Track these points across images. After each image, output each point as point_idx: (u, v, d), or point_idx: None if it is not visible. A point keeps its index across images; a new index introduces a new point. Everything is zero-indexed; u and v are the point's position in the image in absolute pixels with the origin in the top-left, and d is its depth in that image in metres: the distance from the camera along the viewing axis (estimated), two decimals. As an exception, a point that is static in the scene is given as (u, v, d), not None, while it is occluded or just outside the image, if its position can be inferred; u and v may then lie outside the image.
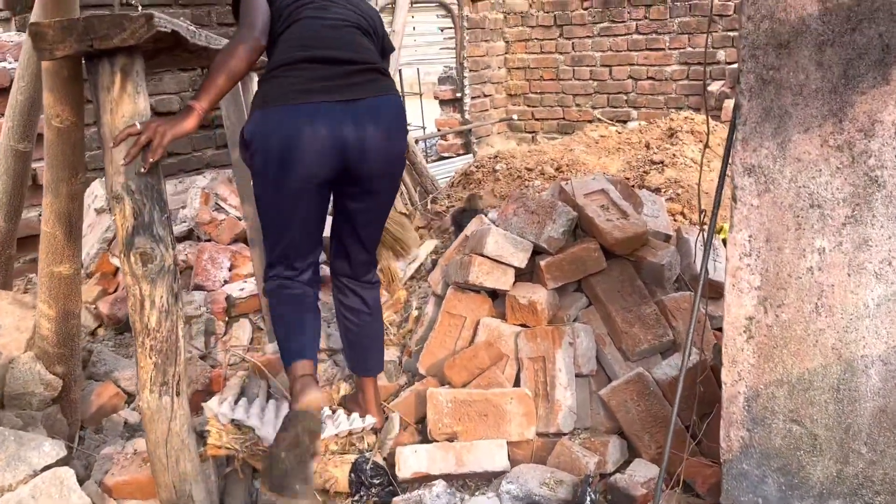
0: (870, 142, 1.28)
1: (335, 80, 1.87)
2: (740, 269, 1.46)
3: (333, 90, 1.86)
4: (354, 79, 1.89)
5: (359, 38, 1.98)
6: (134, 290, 1.82)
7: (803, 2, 1.28)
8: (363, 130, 1.86)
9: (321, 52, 1.89)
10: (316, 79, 1.87)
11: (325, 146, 1.85)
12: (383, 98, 1.92)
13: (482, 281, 2.39)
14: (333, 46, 1.91)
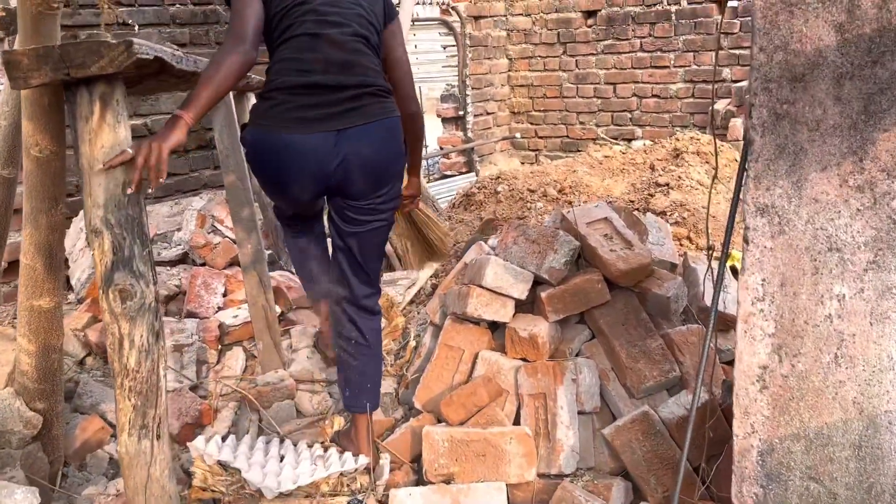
0: (893, 182, 1.19)
1: (328, 108, 1.88)
2: (753, 315, 1.36)
3: (325, 119, 1.88)
4: (346, 105, 1.90)
5: (356, 54, 1.93)
6: (112, 329, 1.73)
7: (819, 32, 1.19)
8: (354, 159, 1.90)
9: (315, 77, 1.88)
10: (309, 106, 1.88)
11: (310, 175, 1.93)
12: (373, 124, 1.92)
13: (481, 313, 2.29)
14: (328, 70, 1.89)
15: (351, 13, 1.95)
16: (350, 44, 1.92)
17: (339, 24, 1.91)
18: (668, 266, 2.53)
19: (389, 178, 2.02)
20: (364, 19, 1.96)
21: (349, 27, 1.92)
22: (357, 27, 1.94)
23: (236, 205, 2.78)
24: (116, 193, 1.71)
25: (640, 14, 5.38)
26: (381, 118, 1.94)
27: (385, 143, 1.95)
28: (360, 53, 1.93)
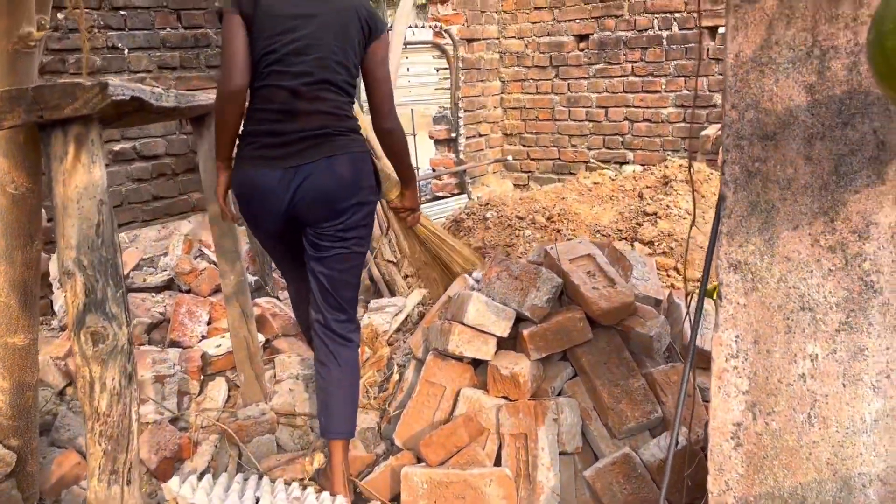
0: (864, 244, 1.17)
1: (286, 149, 2.06)
2: (726, 372, 1.35)
3: (281, 158, 2.06)
4: (303, 145, 2.06)
5: (317, 102, 2.07)
6: (84, 372, 1.71)
7: (790, 92, 1.18)
8: (305, 192, 2.06)
9: (278, 125, 2.07)
10: (271, 146, 2.07)
11: (271, 206, 2.11)
12: (327, 161, 2.07)
13: (462, 351, 2.27)
14: (291, 119, 2.06)
15: (316, 58, 2.04)
16: (312, 93, 2.05)
17: (303, 73, 2.04)
18: (653, 302, 2.51)
19: (346, 208, 2.11)
20: (331, 60, 2.06)
21: (311, 76, 2.04)
22: (321, 73, 2.05)
23: (219, 235, 2.76)
24: (90, 235, 1.70)
25: (631, 39, 5.40)
26: (336, 154, 2.08)
27: (338, 175, 2.07)
28: (321, 101, 2.07)
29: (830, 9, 1.12)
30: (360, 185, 2.12)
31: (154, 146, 4.10)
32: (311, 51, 2.04)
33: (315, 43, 2.04)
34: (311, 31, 2.04)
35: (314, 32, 2.04)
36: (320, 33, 2.04)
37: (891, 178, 1.13)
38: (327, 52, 2.05)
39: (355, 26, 2.09)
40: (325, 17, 2.05)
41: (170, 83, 4.13)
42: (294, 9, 2.04)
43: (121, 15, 3.87)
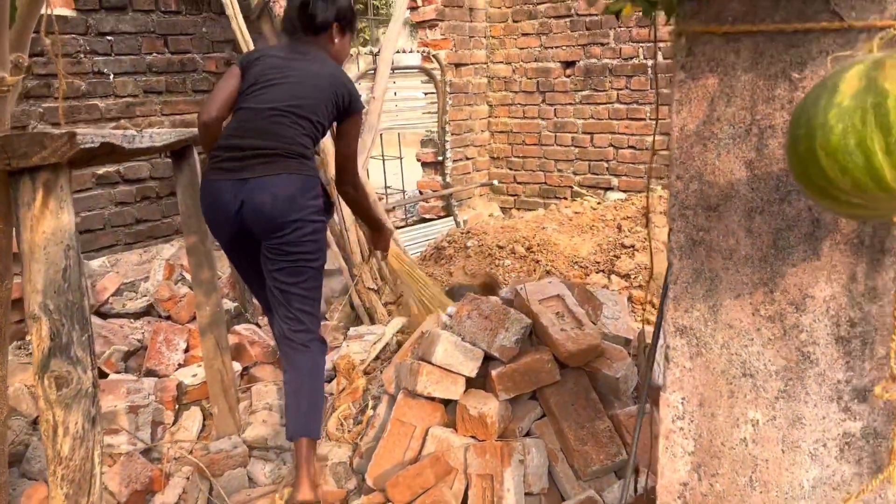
0: (801, 316, 1.20)
1: (240, 162, 2.32)
2: (673, 433, 1.37)
3: (235, 171, 2.32)
4: (255, 161, 2.31)
5: (278, 126, 2.34)
6: (47, 416, 1.72)
7: (731, 167, 1.22)
8: (254, 202, 2.29)
9: (238, 140, 2.34)
10: (228, 160, 2.34)
11: (222, 214, 2.36)
12: (273, 177, 2.29)
13: (431, 391, 2.30)
14: (251, 136, 2.33)
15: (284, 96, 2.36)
16: (274, 117, 2.34)
17: (268, 101, 2.36)
18: (623, 342, 2.54)
19: (286, 223, 2.30)
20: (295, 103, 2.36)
21: (275, 108, 2.34)
22: (285, 106, 2.35)
23: (196, 266, 2.78)
24: (56, 279, 1.72)
25: (617, 66, 5.45)
26: (280, 173, 2.30)
27: (279, 192, 2.28)
28: (279, 125, 2.33)
29: (767, 90, 1.16)
30: (302, 205, 2.32)
31: (138, 170, 4.12)
32: (281, 91, 2.37)
33: (287, 89, 2.38)
34: (287, 81, 2.39)
35: (290, 82, 2.39)
36: (294, 84, 2.39)
37: (825, 254, 1.17)
38: (296, 94, 2.37)
39: (330, 92, 2.41)
40: (304, 76, 2.41)
41: (155, 108, 4.16)
42: (281, 66, 2.43)
43: (107, 40, 3.91)
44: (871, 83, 0.76)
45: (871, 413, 1.18)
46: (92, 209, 3.95)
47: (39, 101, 3.68)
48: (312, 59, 2.46)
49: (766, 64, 1.15)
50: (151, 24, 4.08)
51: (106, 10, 3.88)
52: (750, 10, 1.14)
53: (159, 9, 4.12)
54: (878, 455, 1.19)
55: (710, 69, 1.20)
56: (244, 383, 3.32)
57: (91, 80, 3.86)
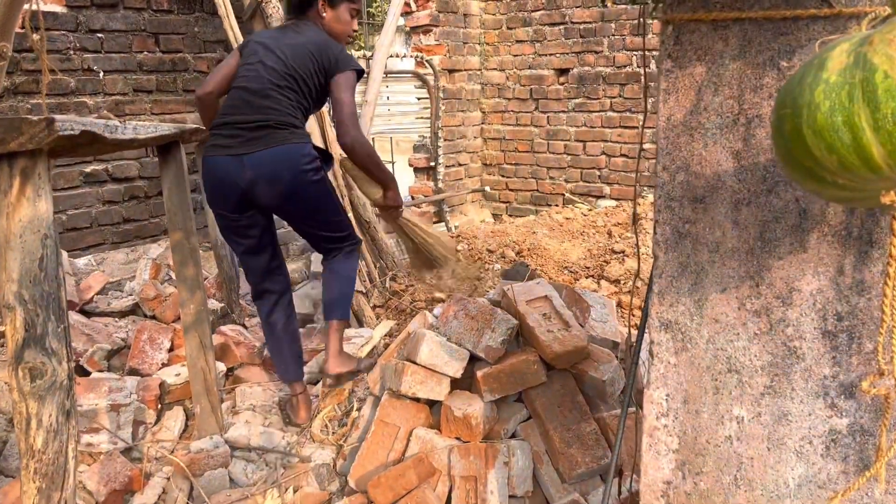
0: (787, 310, 1.18)
1: (236, 138, 2.47)
2: (657, 430, 1.34)
3: (233, 146, 2.47)
4: (249, 135, 2.46)
5: (266, 99, 2.48)
6: (20, 408, 1.68)
7: (718, 157, 1.20)
8: (251, 176, 2.46)
9: (233, 117, 2.50)
10: (225, 136, 2.50)
11: (225, 187, 2.52)
12: (268, 151, 2.45)
13: (415, 391, 2.26)
14: (243, 112, 2.49)
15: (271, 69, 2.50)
16: (264, 91, 2.48)
17: (257, 78, 2.50)
18: (610, 345, 2.51)
19: (290, 193, 2.51)
20: (283, 73, 2.50)
21: (262, 81, 2.49)
22: (272, 81, 2.49)
23: (181, 263, 2.74)
24: (32, 269, 1.68)
25: (610, 75, 5.46)
26: (277, 145, 2.46)
27: (280, 164, 2.46)
28: (270, 98, 2.48)
29: (755, 79, 1.14)
30: (301, 170, 2.50)
31: (127, 169, 4.09)
32: (266, 67, 2.51)
33: (272, 63, 2.51)
34: (272, 56, 2.53)
35: (275, 56, 2.53)
36: (279, 58, 2.52)
37: (812, 246, 1.14)
38: (284, 67, 2.50)
39: (312, 58, 2.53)
40: (291, 46, 2.54)
41: (145, 106, 4.13)
42: (270, 42, 2.58)
43: (97, 37, 3.88)
44: (859, 58, 0.74)
45: (858, 409, 1.16)
46: (79, 207, 3.91)
47: (28, 96, 3.65)
48: (299, 32, 2.59)
49: (754, 52, 1.14)
50: (143, 23, 4.06)
51: (97, 7, 3.86)
52: (738, -4, 1.13)
53: (151, 7, 4.10)
54: (865, 452, 1.16)
55: (697, 58, 1.18)
56: (229, 384, 3.28)
57: (80, 76, 3.83)
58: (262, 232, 2.68)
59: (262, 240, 2.70)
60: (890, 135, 0.71)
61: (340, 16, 2.67)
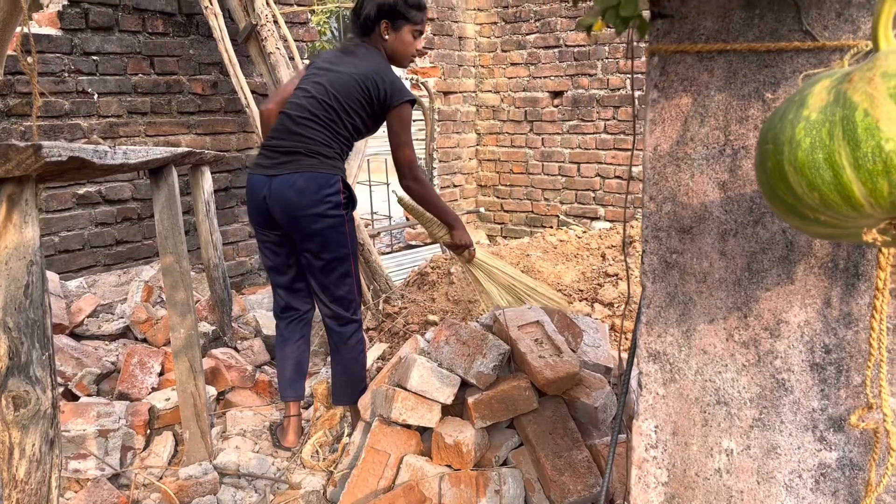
0: (775, 342, 1.17)
1: (271, 160, 2.58)
2: (646, 462, 1.33)
3: (267, 167, 2.58)
4: (282, 158, 2.55)
5: (303, 128, 2.54)
6: (3, 437, 1.66)
7: (705, 188, 1.19)
8: (275, 197, 2.54)
9: (272, 141, 2.60)
10: (264, 157, 2.62)
11: (257, 204, 2.62)
12: (296, 175, 2.51)
13: (405, 418, 2.24)
14: (282, 137, 2.57)
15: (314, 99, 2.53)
16: (302, 120, 2.54)
17: (300, 106, 2.55)
18: (603, 370, 2.49)
19: (304, 216, 2.52)
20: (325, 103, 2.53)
21: (305, 109, 2.54)
22: (314, 110, 2.53)
23: (172, 287, 2.73)
24: (18, 296, 1.67)
25: (604, 97, 5.48)
26: (300, 171, 2.51)
27: (297, 188, 2.50)
28: (306, 128, 2.53)
29: (741, 110, 1.14)
30: (318, 200, 2.50)
31: (120, 190, 4.08)
32: (315, 91, 2.54)
33: (321, 87, 2.54)
34: (322, 80, 2.55)
35: (324, 80, 2.55)
36: (328, 82, 2.54)
37: (799, 278, 1.14)
38: (325, 95, 2.52)
39: (362, 88, 2.52)
40: (340, 73, 2.54)
41: (139, 128, 4.13)
42: (325, 65, 2.61)
43: (92, 60, 3.89)
44: (840, 96, 0.74)
45: (848, 443, 1.14)
46: (71, 229, 3.90)
47: (21, 119, 3.65)
48: (357, 57, 2.58)
49: (739, 83, 1.14)
50: (138, 45, 4.08)
51: (92, 30, 3.87)
52: (723, 28, 1.13)
53: (146, 30, 4.11)
54: (854, 487, 1.15)
55: (683, 88, 1.18)
56: (220, 408, 3.25)
57: (75, 99, 3.84)
58: (290, 252, 2.71)
59: (288, 259, 2.73)
60: (870, 173, 0.71)
61: (403, 37, 2.62)
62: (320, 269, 2.61)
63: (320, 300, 2.69)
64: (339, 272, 2.62)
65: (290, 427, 2.88)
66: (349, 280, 2.66)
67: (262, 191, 2.57)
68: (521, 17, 5.79)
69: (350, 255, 2.64)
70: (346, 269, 2.64)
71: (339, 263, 2.61)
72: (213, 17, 4.06)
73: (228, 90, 4.48)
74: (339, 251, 2.59)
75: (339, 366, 2.74)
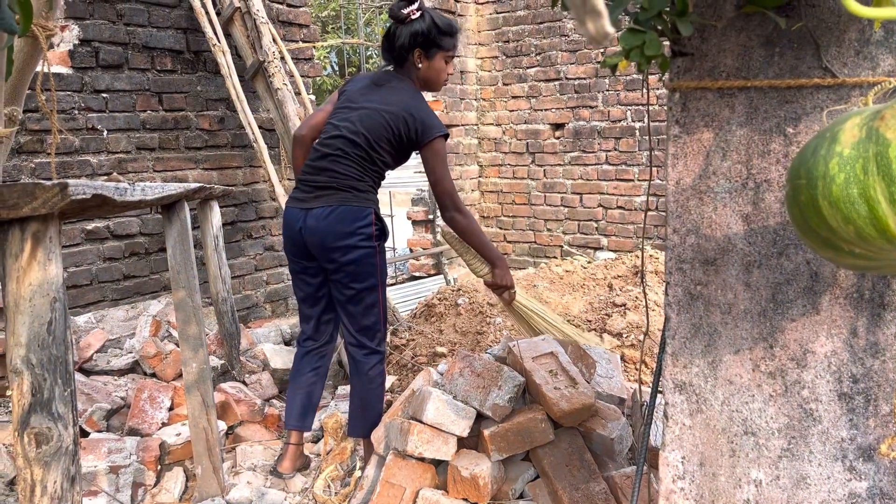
0: (802, 372, 1.19)
1: (307, 193, 2.66)
2: (673, 493, 1.33)
3: (302, 200, 2.66)
4: (316, 193, 2.63)
5: (336, 164, 2.60)
6: (25, 474, 1.66)
7: (728, 220, 1.22)
8: (310, 229, 2.61)
9: (307, 176, 2.67)
10: (300, 191, 2.70)
11: (294, 236, 2.69)
12: (329, 208, 2.58)
13: (421, 451, 2.24)
14: (316, 172, 2.64)
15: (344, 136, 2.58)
16: (330, 156, 2.60)
17: (331, 142, 2.61)
18: (617, 401, 2.50)
19: (336, 248, 2.57)
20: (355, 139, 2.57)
21: (335, 146, 2.60)
22: (344, 147, 2.58)
23: (184, 321, 2.74)
24: (41, 333, 1.68)
25: (605, 129, 5.55)
26: (334, 206, 2.57)
27: (330, 222, 2.57)
28: (337, 163, 2.60)
29: (762, 145, 1.17)
30: (350, 232, 2.57)
31: (128, 226, 4.10)
32: (344, 129, 2.59)
33: (350, 125, 2.58)
34: (352, 116, 2.60)
35: (354, 117, 2.59)
36: (358, 119, 2.58)
37: (825, 308, 1.16)
38: (355, 133, 2.57)
39: (392, 127, 2.55)
40: (370, 110, 2.58)
41: (147, 164, 4.17)
42: (357, 97, 2.65)
43: (102, 98, 3.94)
44: (872, 133, 0.77)
45: (877, 472, 1.15)
46: (80, 265, 3.91)
47: (32, 156, 3.68)
48: (389, 91, 2.61)
49: (760, 119, 1.17)
50: (147, 83, 4.13)
51: (102, 69, 3.93)
52: (743, 65, 1.16)
53: (155, 67, 4.17)
54: (886, 516, 1.15)
55: (704, 124, 1.21)
56: (229, 443, 3.23)
57: (84, 135, 3.88)
58: (322, 283, 2.76)
59: (318, 290, 2.78)
60: (906, 208, 0.73)
61: (435, 65, 2.63)
62: (349, 298, 2.66)
63: (347, 329, 2.73)
64: (367, 302, 2.66)
65: (288, 454, 2.90)
66: (376, 310, 2.70)
67: (297, 223, 2.64)
68: (522, 51, 5.89)
69: (379, 286, 2.67)
70: (374, 300, 2.67)
71: (368, 293, 2.65)
72: (220, 54, 4.13)
73: (235, 125, 4.53)
74: (368, 281, 2.64)
75: (356, 397, 2.76)
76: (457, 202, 2.58)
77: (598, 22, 0.47)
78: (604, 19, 0.47)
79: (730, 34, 1.17)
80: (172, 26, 4.24)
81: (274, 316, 4.90)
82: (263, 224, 4.82)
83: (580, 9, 0.47)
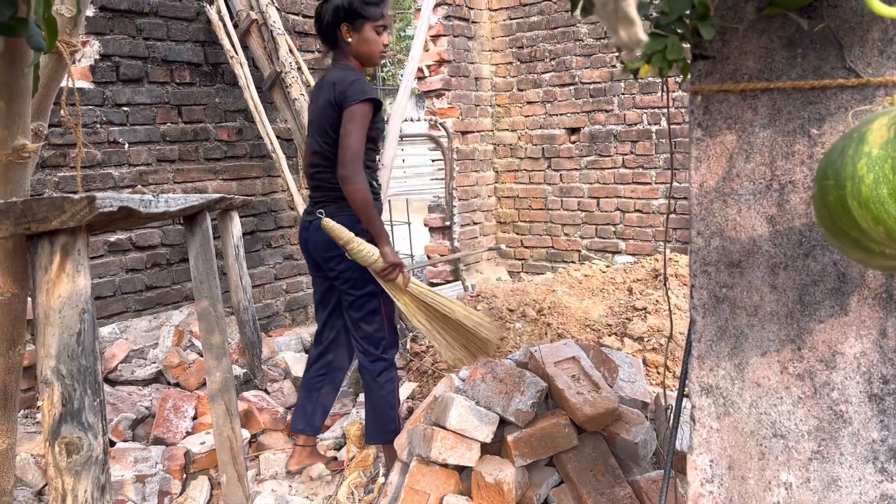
0: (832, 373, 1.18)
1: (310, 206, 2.75)
2: (702, 497, 1.33)
3: (308, 213, 2.74)
4: (314, 205, 2.71)
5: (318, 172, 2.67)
6: (56, 484, 1.68)
7: (753, 222, 1.22)
8: (311, 239, 2.70)
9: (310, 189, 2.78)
10: (308, 203, 2.81)
11: (304, 247, 2.80)
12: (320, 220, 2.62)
13: (445, 458, 2.24)
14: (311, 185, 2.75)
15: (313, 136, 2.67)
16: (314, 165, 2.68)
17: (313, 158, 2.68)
18: (640, 405, 2.49)
19: (331, 257, 2.65)
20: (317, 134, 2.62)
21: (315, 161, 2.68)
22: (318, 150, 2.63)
23: (207, 331, 2.76)
24: (70, 344, 1.70)
25: (621, 132, 5.54)
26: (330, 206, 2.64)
27: (322, 233, 2.61)
28: (320, 171, 2.66)
29: (786, 146, 1.17)
30: (332, 242, 2.61)
31: (150, 237, 4.15)
32: (313, 143, 2.67)
33: (313, 139, 2.66)
34: (313, 118, 2.67)
35: (314, 119, 2.66)
36: (316, 121, 2.64)
37: (853, 309, 1.15)
38: (320, 135, 2.61)
39: (329, 105, 2.53)
40: (317, 107, 2.63)
41: (168, 176, 4.21)
42: (313, 100, 2.71)
43: (123, 111, 3.99)
44: (900, 133, 0.77)
45: (910, 474, 1.14)
46: (103, 276, 3.95)
47: (55, 170, 3.74)
48: (330, 79, 2.57)
49: (784, 120, 1.17)
50: (166, 96, 4.18)
51: (123, 83, 3.98)
52: (765, 67, 1.16)
53: (174, 80, 4.22)
54: (919, 518, 1.14)
55: (727, 126, 1.21)
56: (252, 451, 3.25)
57: (106, 149, 3.93)
58: (327, 290, 2.85)
59: (325, 297, 2.88)
60: (937, 207, 0.73)
61: (366, 36, 2.55)
62: (350, 304, 2.71)
63: (353, 336, 2.78)
64: (368, 309, 2.69)
65: (294, 454, 3.01)
66: (378, 318, 2.71)
67: (304, 234, 2.76)
68: (537, 56, 5.89)
69: (379, 294, 2.68)
70: (374, 307, 2.69)
71: (368, 300, 2.68)
72: (238, 66, 4.17)
73: (253, 136, 4.57)
74: (367, 288, 2.66)
75: (368, 404, 2.80)
76: (356, 163, 2.42)
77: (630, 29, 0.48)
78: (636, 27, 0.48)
79: (751, 36, 1.17)
80: (191, 39, 4.29)
81: (294, 324, 4.93)
82: (282, 233, 4.85)
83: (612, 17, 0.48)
